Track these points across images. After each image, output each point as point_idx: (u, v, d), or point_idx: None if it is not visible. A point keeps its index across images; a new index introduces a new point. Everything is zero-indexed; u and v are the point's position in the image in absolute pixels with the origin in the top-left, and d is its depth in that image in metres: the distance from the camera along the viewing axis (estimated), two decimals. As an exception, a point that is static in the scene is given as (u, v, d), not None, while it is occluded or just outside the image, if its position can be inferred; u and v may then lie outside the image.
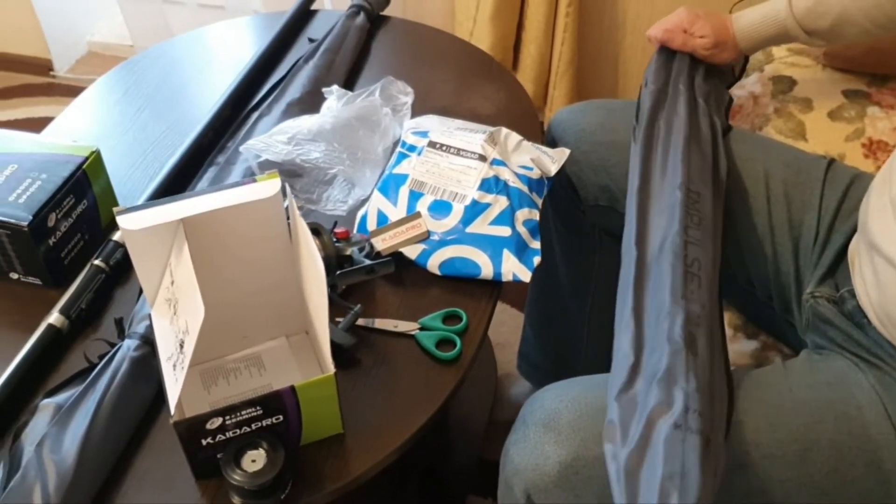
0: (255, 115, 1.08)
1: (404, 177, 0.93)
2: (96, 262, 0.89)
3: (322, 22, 1.31)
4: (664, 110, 1.01)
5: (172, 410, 0.68)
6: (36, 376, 0.81)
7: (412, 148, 0.96)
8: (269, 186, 0.71)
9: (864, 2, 1.03)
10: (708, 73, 1.10)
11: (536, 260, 0.90)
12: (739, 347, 1.07)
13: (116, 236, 0.93)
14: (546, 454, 0.78)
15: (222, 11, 1.97)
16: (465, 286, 0.90)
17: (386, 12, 1.32)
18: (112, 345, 0.81)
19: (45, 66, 2.25)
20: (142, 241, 0.70)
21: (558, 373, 1.22)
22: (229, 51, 1.29)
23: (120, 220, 0.68)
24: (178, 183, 1.01)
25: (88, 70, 2.26)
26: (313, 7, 1.33)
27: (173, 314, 0.71)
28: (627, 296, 0.82)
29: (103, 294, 0.89)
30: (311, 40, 1.25)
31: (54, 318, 0.84)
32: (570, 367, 1.31)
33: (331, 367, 0.72)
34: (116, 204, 0.99)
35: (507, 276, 0.89)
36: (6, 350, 0.84)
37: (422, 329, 0.86)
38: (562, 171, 1.00)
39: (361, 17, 1.25)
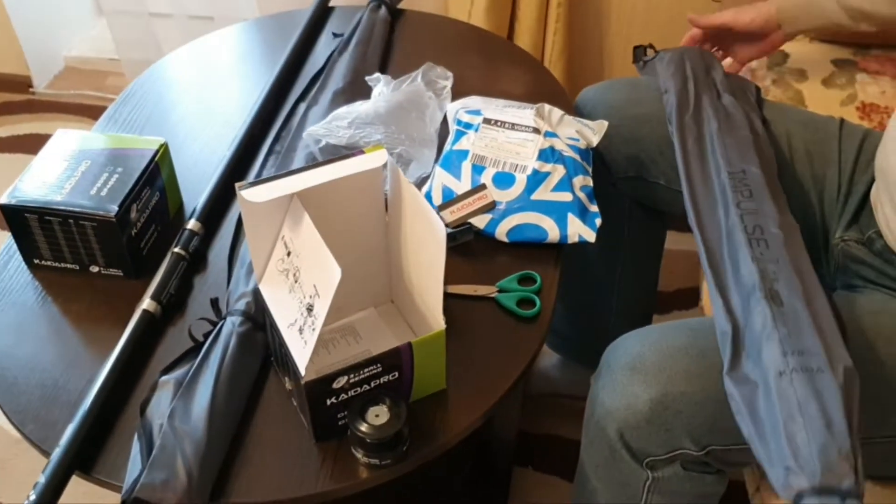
0: (303, 105, 1.12)
1: (465, 152, 0.98)
2: (176, 249, 0.92)
3: (340, 18, 1.35)
4: (689, 110, 1.06)
5: (303, 371, 0.71)
6: (138, 359, 0.84)
7: (468, 125, 1.01)
8: (376, 157, 0.76)
9: None
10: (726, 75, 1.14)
11: (598, 221, 0.96)
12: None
13: (191, 225, 0.95)
14: (636, 394, 0.83)
15: (211, 22, 1.98)
16: (531, 251, 0.96)
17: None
18: (213, 323, 0.84)
19: (24, 84, 2.23)
20: (258, 215, 0.74)
21: (587, 343, 1.29)
22: (251, 52, 1.32)
23: (244, 193, 0.71)
24: (238, 172, 1.04)
25: (68, 85, 2.25)
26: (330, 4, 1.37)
27: (294, 282, 0.74)
28: (708, 276, 0.87)
29: (186, 280, 0.92)
30: (335, 35, 1.29)
31: (147, 304, 0.87)
32: (599, 337, 1.37)
33: (442, 323, 0.76)
34: (180, 195, 1.02)
35: (572, 238, 0.95)
36: (100, 341, 0.86)
37: (500, 291, 0.91)
38: (591, 145, 1.06)
39: (383, 11, 1.30)
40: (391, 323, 0.88)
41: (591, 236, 0.95)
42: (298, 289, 0.73)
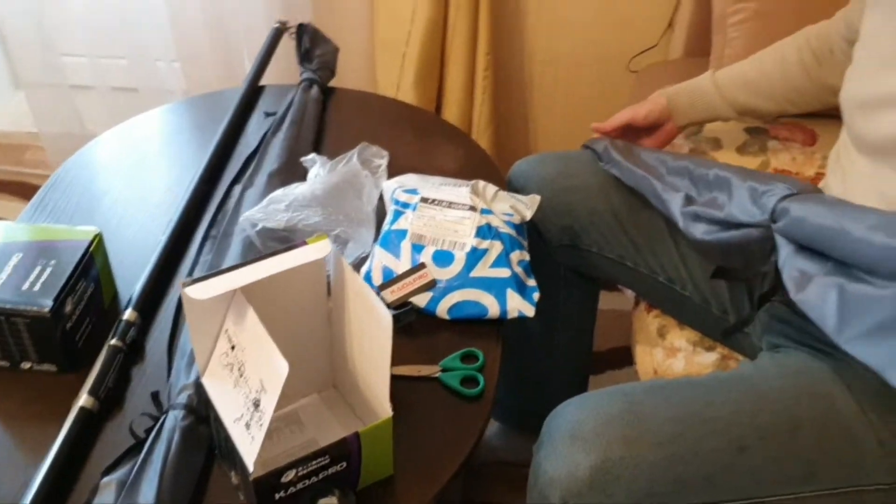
0: (238, 188, 1.12)
1: (404, 232, 1.00)
2: (113, 342, 0.90)
3: (271, 96, 1.37)
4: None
5: (251, 468, 0.70)
6: (77, 460, 0.81)
7: (406, 205, 1.03)
8: (319, 249, 0.76)
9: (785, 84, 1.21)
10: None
11: (536, 296, 0.98)
12: (700, 360, 1.18)
13: (127, 315, 0.94)
14: (577, 461, 0.85)
15: (135, 94, 1.97)
16: (473, 328, 0.97)
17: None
18: (155, 418, 0.82)
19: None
20: (202, 311, 0.74)
21: (528, 411, 1.30)
22: (182, 134, 1.32)
23: (188, 291, 0.71)
24: (173, 258, 1.03)
25: (-15, 161, 2.19)
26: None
27: (238, 377, 0.74)
28: None
29: (124, 373, 0.90)
30: (267, 114, 1.30)
31: (84, 400, 0.84)
32: (539, 403, 1.38)
33: (389, 411, 0.76)
34: (115, 285, 1.00)
35: (512, 314, 0.96)
36: (35, 441, 0.83)
37: (443, 371, 0.92)
38: (527, 217, 1.09)
39: (315, 90, 1.31)
40: (334, 409, 0.87)
41: (530, 311, 0.97)
42: (244, 383, 0.73)
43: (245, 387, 0.73)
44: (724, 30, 1.52)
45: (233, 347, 0.75)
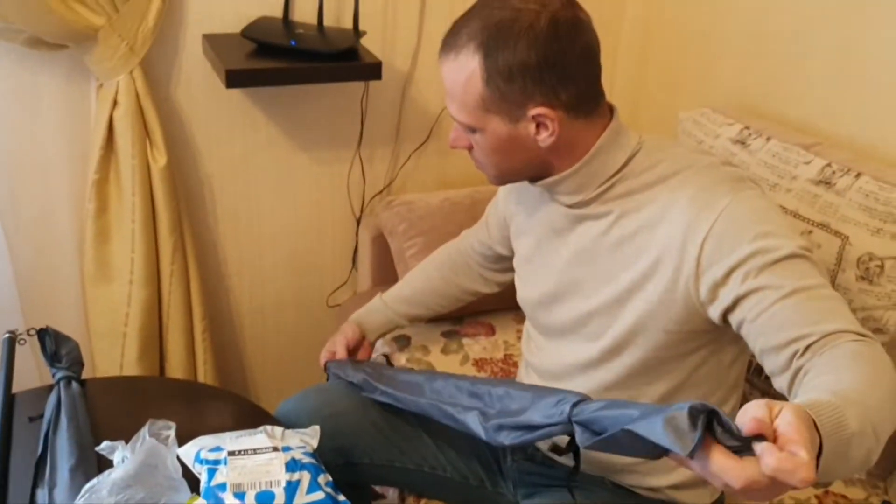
0: (42, 491, 1.17)
1: (223, 485, 1.14)
2: None
3: (26, 401, 1.41)
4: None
5: None
6: None
7: (216, 461, 1.17)
8: (195, 507, 0.90)
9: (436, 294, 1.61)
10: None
11: (349, 507, 1.17)
12: (471, 528, 1.43)
13: None
14: None
15: None
16: (304, 549, 1.12)
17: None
18: None
19: None
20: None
21: None
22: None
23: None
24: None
25: None
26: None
27: None
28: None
29: None
30: (31, 419, 1.36)
31: None
32: None
33: None
34: None
35: (336, 527, 1.14)
36: None
37: (296, 592, 1.06)
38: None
39: (75, 385, 1.40)
40: None
41: (349, 520, 1.15)
42: None
43: None
44: (404, 260, 1.89)
45: None
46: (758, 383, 1.53)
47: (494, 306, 1.93)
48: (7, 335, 1.52)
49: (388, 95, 2.02)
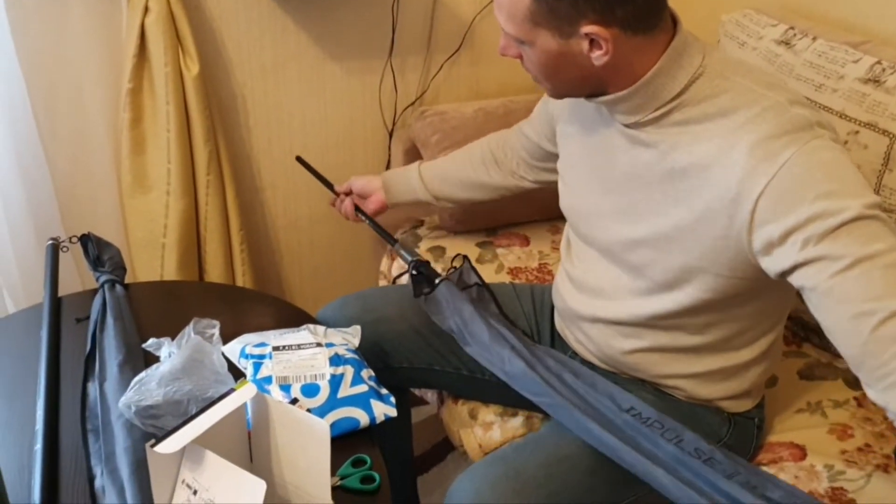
0: (93, 384, 1.20)
1: (269, 378, 1.16)
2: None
3: (73, 305, 1.44)
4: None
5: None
6: None
7: (261, 356, 1.19)
8: (246, 391, 0.92)
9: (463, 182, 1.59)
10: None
11: (393, 399, 1.19)
12: (511, 425, 1.45)
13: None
14: None
15: None
16: (351, 440, 1.14)
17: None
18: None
19: None
20: (166, 468, 0.85)
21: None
22: None
23: (158, 448, 0.82)
24: (55, 462, 1.08)
25: None
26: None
27: (209, 515, 0.85)
28: None
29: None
30: (78, 320, 1.39)
31: None
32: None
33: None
34: (7, 500, 1.03)
35: (380, 418, 1.16)
36: None
37: (343, 478, 1.08)
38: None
39: (119, 288, 1.42)
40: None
41: (393, 412, 1.17)
42: (217, 518, 0.85)
43: (219, 520, 0.85)
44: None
45: (195, 492, 0.87)
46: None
47: (528, 218, 1.93)
48: (51, 242, 1.55)
49: (419, 2, 1.98)
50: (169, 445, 0.83)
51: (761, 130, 1.01)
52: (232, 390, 0.92)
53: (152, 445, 0.83)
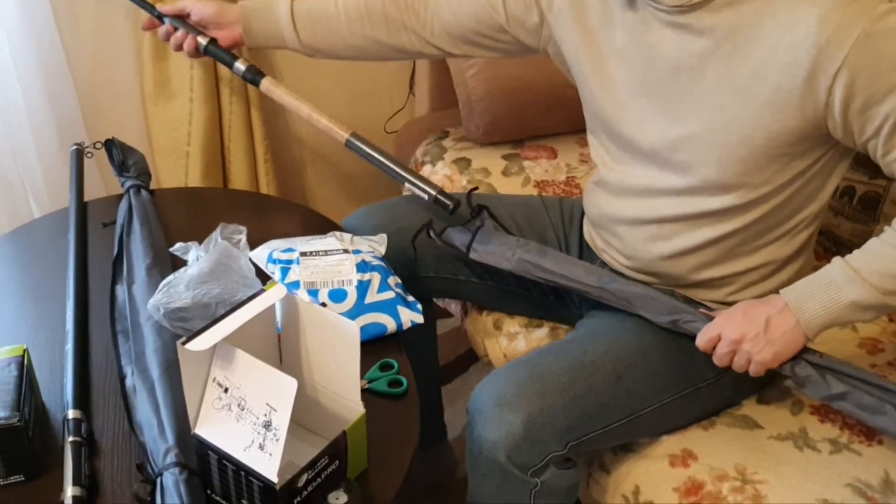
0: (121, 287, 1.21)
1: (297, 283, 1.16)
2: (72, 439, 0.97)
3: (98, 209, 1.44)
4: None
5: (276, 478, 0.84)
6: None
7: (288, 262, 1.19)
8: (276, 291, 0.91)
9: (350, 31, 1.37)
10: None
11: (420, 307, 1.19)
12: (536, 335, 1.45)
13: (72, 414, 1.00)
14: (510, 422, 1.07)
15: None
16: (378, 345, 1.15)
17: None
18: (151, 483, 0.91)
19: None
20: (197, 364, 0.85)
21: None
22: (21, 264, 1.36)
23: (189, 346, 0.83)
24: (86, 361, 1.10)
25: None
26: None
27: (240, 411, 0.86)
28: None
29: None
30: (105, 224, 1.39)
31: (72, 490, 0.90)
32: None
33: (362, 408, 0.93)
34: (41, 396, 1.05)
35: (407, 325, 1.16)
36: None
37: (370, 382, 1.09)
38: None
39: (144, 193, 1.42)
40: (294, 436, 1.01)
41: (420, 319, 1.17)
42: (248, 414, 0.86)
43: (250, 416, 0.85)
44: (464, 82, 1.84)
45: (226, 390, 0.87)
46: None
47: (556, 130, 1.89)
48: (75, 147, 1.54)
49: None
50: (200, 343, 0.83)
51: (827, 2, 0.97)
52: (262, 290, 0.92)
53: (183, 343, 0.83)
